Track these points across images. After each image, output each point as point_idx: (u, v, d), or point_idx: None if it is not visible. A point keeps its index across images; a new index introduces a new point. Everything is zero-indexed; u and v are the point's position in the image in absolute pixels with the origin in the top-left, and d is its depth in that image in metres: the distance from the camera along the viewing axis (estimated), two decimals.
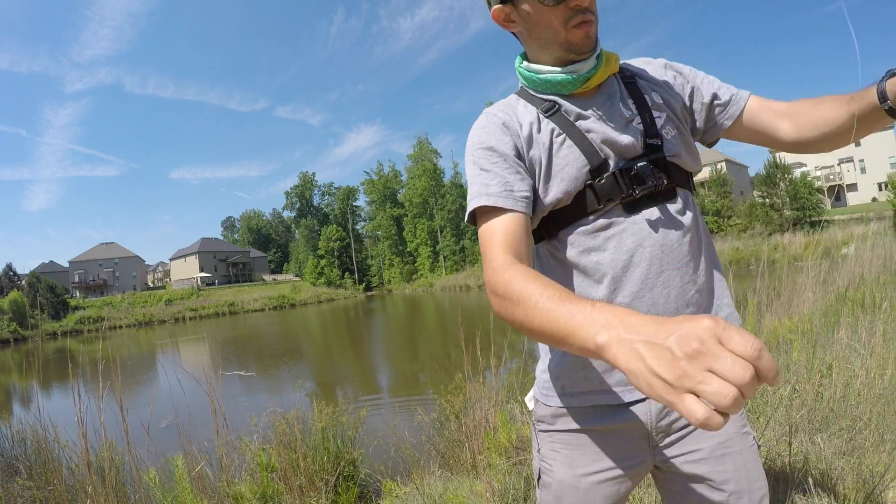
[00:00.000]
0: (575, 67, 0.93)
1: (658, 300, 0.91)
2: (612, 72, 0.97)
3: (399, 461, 3.48)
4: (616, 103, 0.95)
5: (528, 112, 0.97)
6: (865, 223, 20.28)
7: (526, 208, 0.91)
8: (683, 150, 0.97)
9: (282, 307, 48.72)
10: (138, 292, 57.88)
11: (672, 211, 0.93)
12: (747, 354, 0.46)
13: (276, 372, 11.86)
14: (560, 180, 0.92)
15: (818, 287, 5.22)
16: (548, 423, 1.02)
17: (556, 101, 0.96)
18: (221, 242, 77.53)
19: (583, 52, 0.91)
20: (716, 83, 1.02)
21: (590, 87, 0.95)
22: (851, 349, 3.08)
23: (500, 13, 0.94)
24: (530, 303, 0.73)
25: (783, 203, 31.57)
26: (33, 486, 2.83)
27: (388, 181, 62.30)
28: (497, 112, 0.98)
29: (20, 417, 4.10)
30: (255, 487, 3.03)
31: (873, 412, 2.41)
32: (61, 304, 43.71)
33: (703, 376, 0.46)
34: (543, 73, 0.95)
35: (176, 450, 3.08)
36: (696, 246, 0.95)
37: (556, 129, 0.94)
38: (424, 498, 2.69)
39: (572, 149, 0.93)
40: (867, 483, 1.90)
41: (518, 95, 1.02)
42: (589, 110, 0.94)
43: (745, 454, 0.93)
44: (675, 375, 0.48)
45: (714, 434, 0.91)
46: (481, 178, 0.92)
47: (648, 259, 0.91)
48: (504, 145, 0.94)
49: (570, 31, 0.89)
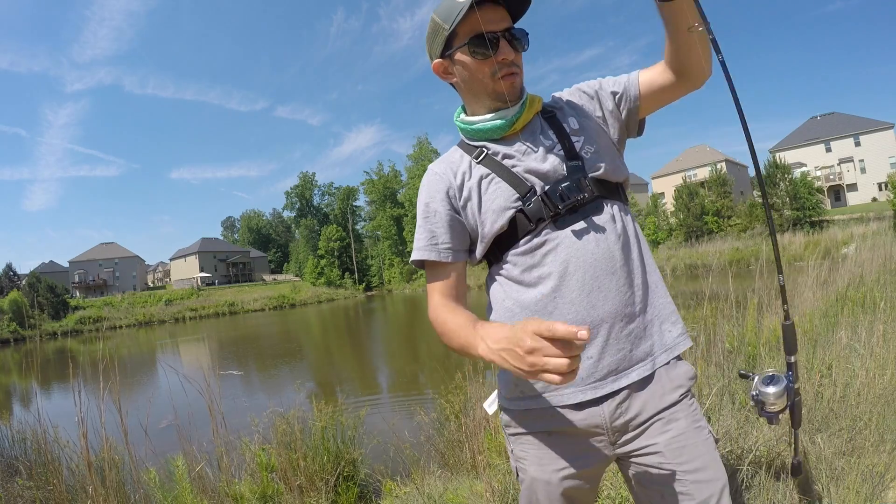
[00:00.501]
0: (503, 113, 1.07)
1: (597, 303, 1.00)
2: (535, 111, 1.11)
3: (399, 461, 3.48)
4: (538, 137, 1.09)
5: (463, 161, 1.13)
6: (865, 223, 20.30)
7: (448, 257, 1.10)
8: (605, 163, 1.07)
9: (282, 307, 48.70)
10: (138, 292, 57.86)
11: (599, 222, 1.03)
12: (559, 334, 0.71)
13: (276, 372, 11.86)
14: (492, 212, 1.06)
15: (818, 287, 5.22)
16: (514, 426, 1.12)
17: (485, 147, 1.11)
18: (221, 242, 77.53)
19: (511, 100, 1.06)
20: (611, 81, 1.14)
21: (516, 129, 1.09)
22: (851, 349, 3.08)
23: (439, 66, 1.10)
24: (449, 331, 1.02)
25: (783, 203, 31.53)
26: (33, 486, 2.82)
27: (389, 181, 62.25)
28: (436, 170, 1.15)
29: (20, 417, 4.09)
30: (255, 487, 3.03)
31: (873, 412, 2.40)
32: (61, 304, 43.70)
33: (542, 361, 0.73)
34: (476, 124, 1.10)
35: (176, 450, 3.08)
36: (627, 250, 1.05)
37: (485, 171, 1.09)
38: (424, 498, 2.69)
39: (500, 184, 1.07)
40: (867, 483, 1.90)
41: (458, 146, 1.17)
42: (514, 147, 1.09)
43: (700, 447, 0.99)
44: (527, 366, 0.75)
45: (668, 429, 1.00)
46: (417, 233, 1.14)
47: (583, 267, 1.01)
48: (437, 201, 1.11)
49: (496, 82, 1.04)
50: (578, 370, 0.74)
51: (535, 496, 1.08)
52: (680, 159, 51.42)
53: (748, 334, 3.89)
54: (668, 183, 47.89)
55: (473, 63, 1.04)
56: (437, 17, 1.05)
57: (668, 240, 35.88)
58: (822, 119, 49.38)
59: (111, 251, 67.89)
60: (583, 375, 1.01)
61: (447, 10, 1.02)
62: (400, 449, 3.44)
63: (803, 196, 31.00)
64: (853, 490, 1.87)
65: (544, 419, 1.05)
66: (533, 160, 1.06)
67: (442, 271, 1.11)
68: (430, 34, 1.09)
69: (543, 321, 0.74)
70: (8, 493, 2.79)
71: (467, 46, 1.03)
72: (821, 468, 2.06)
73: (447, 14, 1.02)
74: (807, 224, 29.67)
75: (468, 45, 1.03)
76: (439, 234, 1.10)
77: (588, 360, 1.00)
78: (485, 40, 1.00)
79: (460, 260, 1.12)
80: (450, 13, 1.01)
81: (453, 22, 1.00)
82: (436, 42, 1.07)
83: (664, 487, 0.99)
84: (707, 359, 3.27)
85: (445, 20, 1.03)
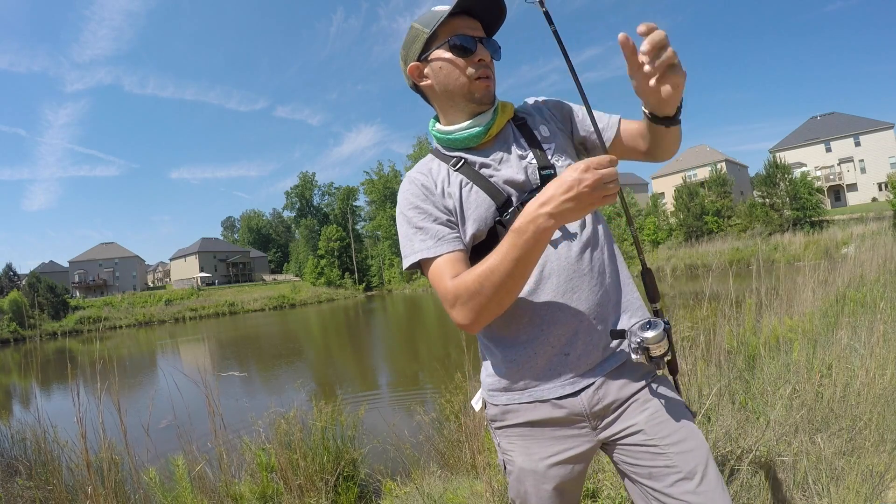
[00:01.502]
0: (479, 120, 1.11)
1: (573, 304, 1.06)
2: (507, 118, 1.16)
3: (399, 461, 3.48)
4: (511, 146, 1.14)
5: (440, 169, 1.15)
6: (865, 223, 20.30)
7: (459, 245, 1.08)
8: None
9: (282, 307, 48.66)
10: (138, 292, 57.82)
11: (571, 229, 1.10)
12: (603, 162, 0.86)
13: (275, 372, 11.86)
14: (473, 221, 1.09)
15: (818, 287, 5.22)
16: (500, 420, 1.15)
17: (462, 156, 1.14)
18: (221, 242, 77.49)
19: (483, 104, 1.11)
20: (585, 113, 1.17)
21: (490, 136, 1.14)
22: (851, 349, 3.08)
23: (415, 69, 1.13)
24: (485, 272, 0.95)
25: (783, 203, 31.51)
26: (33, 486, 2.83)
27: (389, 181, 62.21)
28: (417, 176, 1.16)
29: (20, 417, 4.10)
30: (255, 487, 3.03)
31: (873, 412, 2.40)
32: (61, 304, 43.67)
33: (594, 177, 0.85)
34: (453, 133, 1.14)
35: (176, 450, 3.08)
36: (598, 252, 1.11)
37: (463, 179, 1.12)
38: (424, 498, 2.68)
39: (479, 193, 1.10)
40: (867, 483, 1.90)
41: (433, 155, 1.20)
42: (490, 157, 1.13)
43: (680, 419, 1.04)
44: (590, 191, 0.85)
45: (646, 407, 1.06)
46: (418, 235, 1.10)
47: (557, 271, 1.07)
48: (428, 204, 1.11)
49: (472, 83, 1.09)
50: None
51: (522, 486, 1.12)
52: (680, 159, 51.35)
53: (747, 334, 3.89)
54: (667, 183, 47.88)
55: (452, 60, 1.09)
56: (418, 25, 1.12)
57: (668, 240, 35.85)
58: (822, 119, 49.38)
59: (111, 251, 67.86)
60: (561, 372, 1.06)
61: (428, 18, 1.10)
62: (400, 449, 3.44)
63: (803, 196, 30.96)
64: (853, 490, 1.87)
65: (528, 411, 1.10)
66: (508, 170, 1.11)
67: (453, 259, 1.07)
68: (409, 41, 1.14)
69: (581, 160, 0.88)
70: (8, 493, 2.79)
71: (447, 44, 1.08)
72: (821, 468, 2.06)
73: (428, 21, 1.10)
74: (807, 224, 29.65)
75: (448, 43, 1.08)
76: (442, 231, 1.09)
77: (565, 357, 1.06)
78: (464, 41, 1.07)
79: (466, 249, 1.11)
80: (431, 19, 1.09)
81: (434, 25, 1.08)
82: (413, 47, 1.13)
83: (651, 464, 1.02)
84: (707, 359, 3.27)
85: (426, 25, 1.10)
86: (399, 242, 1.17)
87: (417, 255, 1.08)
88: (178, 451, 3.06)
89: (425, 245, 1.08)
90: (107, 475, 2.70)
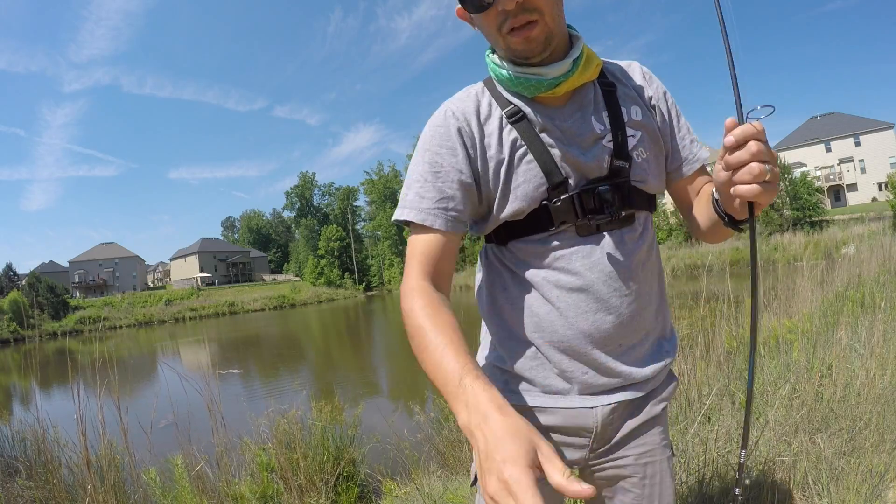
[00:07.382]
0: (539, 71, 0.85)
1: (601, 325, 0.90)
2: (588, 79, 0.90)
3: (399, 461, 3.48)
4: (588, 116, 0.90)
5: (493, 113, 0.91)
6: (865, 223, 20.26)
7: (454, 228, 0.88)
8: (651, 174, 0.93)
9: (282, 307, 48.66)
10: (138, 292, 57.83)
11: (626, 239, 0.91)
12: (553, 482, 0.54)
13: (276, 372, 11.86)
14: (516, 197, 0.89)
15: (818, 287, 5.22)
16: None
17: (522, 109, 0.89)
18: (221, 242, 77.51)
19: (530, 57, 0.84)
20: (687, 129, 1.00)
21: (558, 93, 0.88)
22: (851, 349, 3.08)
23: (461, 11, 0.88)
24: (422, 342, 0.76)
25: (783, 203, 31.54)
26: (33, 485, 2.83)
27: (388, 181, 62.22)
28: (455, 111, 0.91)
29: (20, 417, 4.09)
30: (255, 487, 3.03)
31: (873, 412, 2.40)
32: (61, 304, 43.67)
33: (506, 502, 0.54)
34: (510, 72, 0.89)
35: (176, 449, 3.08)
36: (647, 271, 0.95)
37: (518, 139, 0.89)
38: (424, 498, 2.68)
39: (532, 164, 0.88)
40: (867, 483, 1.90)
41: (485, 86, 0.95)
42: (555, 121, 0.89)
43: (663, 464, 0.99)
44: (490, 493, 0.55)
45: (641, 443, 0.97)
46: (421, 187, 0.89)
47: (594, 283, 0.89)
48: (452, 156, 0.89)
49: (505, 37, 0.83)
50: None
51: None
52: None
53: (747, 334, 3.89)
54: None
55: (476, 19, 0.86)
56: None
57: (668, 240, 35.84)
58: (822, 119, 49.38)
59: (111, 251, 67.88)
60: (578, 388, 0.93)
61: None
62: (400, 449, 3.44)
63: (803, 196, 31.01)
64: (853, 490, 1.87)
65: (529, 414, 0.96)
66: (576, 146, 0.88)
67: (436, 242, 0.87)
68: None
69: (549, 451, 0.56)
70: (8, 492, 2.79)
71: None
72: (821, 468, 2.06)
73: None
74: (807, 224, 29.68)
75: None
76: (451, 198, 0.88)
77: (584, 375, 0.92)
78: None
79: (460, 232, 0.90)
80: None
81: None
82: None
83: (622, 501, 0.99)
84: (707, 359, 3.27)
85: None
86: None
87: (406, 212, 0.89)
88: (177, 451, 3.06)
89: (419, 205, 0.88)
90: (106, 474, 2.70)
